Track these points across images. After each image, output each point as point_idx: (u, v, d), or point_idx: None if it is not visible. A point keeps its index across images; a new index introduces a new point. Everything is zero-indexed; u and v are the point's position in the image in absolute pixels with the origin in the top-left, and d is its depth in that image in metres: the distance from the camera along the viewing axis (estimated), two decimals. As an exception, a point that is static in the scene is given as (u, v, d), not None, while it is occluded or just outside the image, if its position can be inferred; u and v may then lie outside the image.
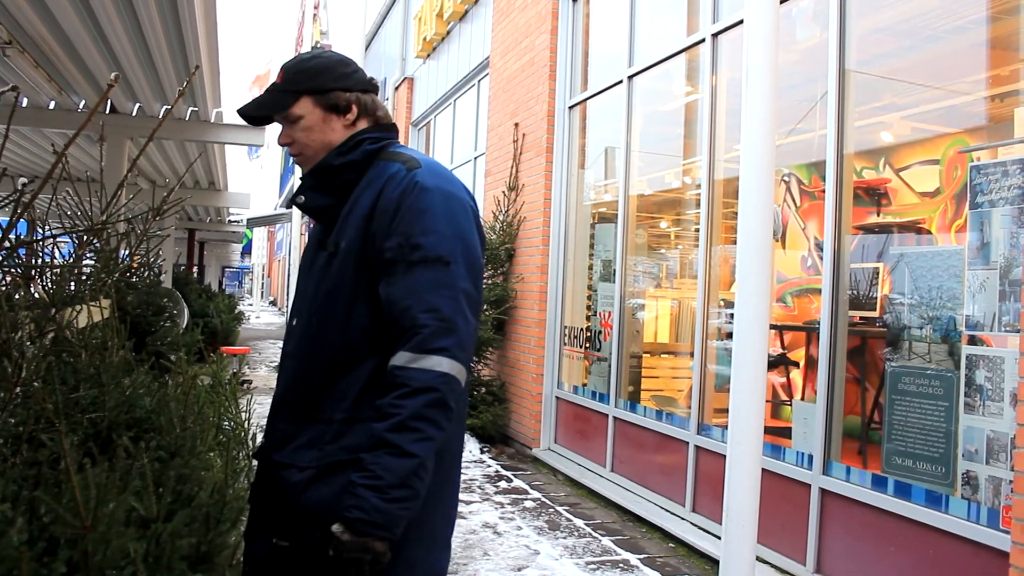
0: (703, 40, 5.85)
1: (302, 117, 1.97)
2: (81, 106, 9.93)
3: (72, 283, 2.67)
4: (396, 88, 14.74)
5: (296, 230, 17.41)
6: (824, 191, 4.66)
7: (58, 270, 2.51)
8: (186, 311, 10.03)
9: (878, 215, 5.03)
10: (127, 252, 3.92)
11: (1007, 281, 3.54)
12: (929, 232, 4.67)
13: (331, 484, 1.79)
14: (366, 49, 16.13)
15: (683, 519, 5.50)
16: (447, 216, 1.82)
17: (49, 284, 2.43)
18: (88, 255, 3.02)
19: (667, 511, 5.68)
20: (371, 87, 2.05)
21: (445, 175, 1.92)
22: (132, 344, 2.94)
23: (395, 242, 1.79)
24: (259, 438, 6.63)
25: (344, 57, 2.06)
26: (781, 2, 4.08)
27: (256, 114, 2.04)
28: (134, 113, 10.13)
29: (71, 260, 2.61)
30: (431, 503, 1.86)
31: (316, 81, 1.98)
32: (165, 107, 9.85)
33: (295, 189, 2.12)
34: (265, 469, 1.96)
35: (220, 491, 2.27)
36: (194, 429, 2.56)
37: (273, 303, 51.91)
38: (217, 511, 2.17)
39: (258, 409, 9.74)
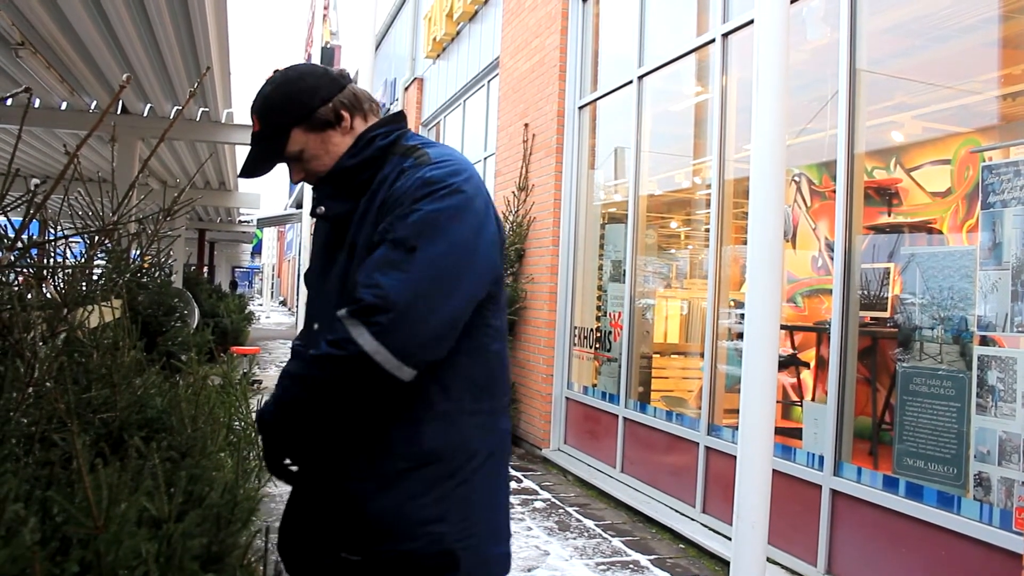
0: (713, 40, 5.84)
1: (302, 150, 1.92)
2: (93, 107, 9.98)
3: (84, 283, 2.68)
4: (406, 88, 14.76)
5: (306, 230, 17.44)
6: (835, 191, 4.64)
7: (70, 270, 2.52)
8: (196, 311, 10.06)
9: (889, 215, 5.01)
10: (138, 252, 3.94)
11: (1019, 281, 3.52)
12: (940, 232, 4.65)
13: (395, 492, 1.77)
14: (376, 49, 16.16)
15: (693, 520, 5.49)
16: (435, 206, 1.73)
17: (61, 284, 2.44)
18: (100, 255, 3.03)
19: (677, 512, 5.67)
20: (343, 81, 1.96)
21: (452, 167, 1.82)
22: (143, 344, 2.95)
23: (383, 226, 1.75)
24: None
25: (303, 70, 1.96)
26: (792, 2, 4.07)
27: (259, 171, 1.97)
28: (145, 114, 10.17)
29: (83, 260, 2.62)
30: (486, 500, 1.87)
31: (292, 110, 1.90)
32: (176, 108, 9.89)
33: (312, 200, 2.08)
34: (309, 478, 1.93)
35: (231, 491, 2.27)
36: (205, 429, 2.57)
37: (283, 303, 52.05)
38: (228, 511, 2.17)
39: (268, 409, 9.68)
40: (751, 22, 4.97)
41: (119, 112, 9.88)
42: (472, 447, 1.85)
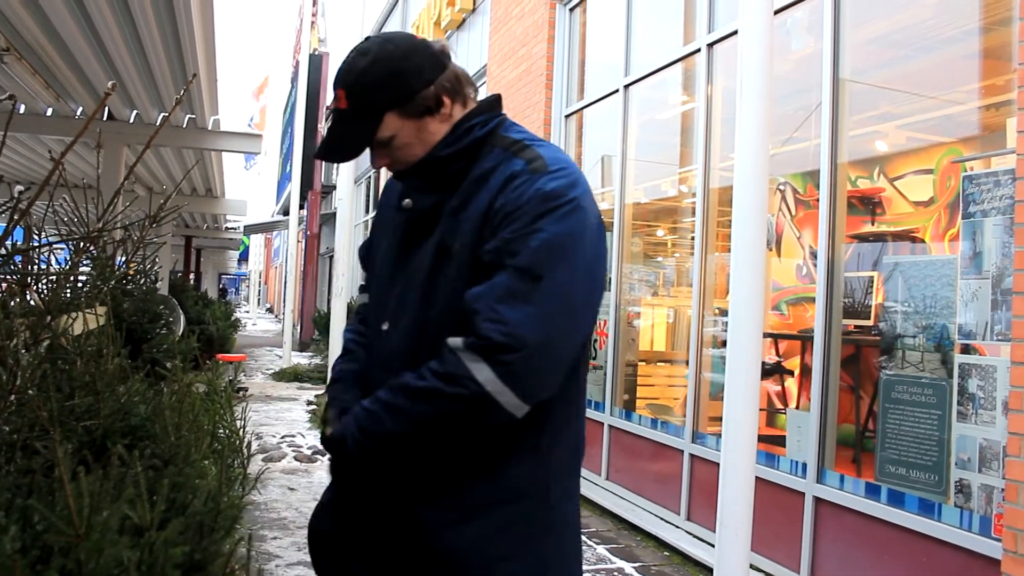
0: (699, 50, 5.87)
1: (394, 136, 1.70)
2: (78, 113, 9.95)
3: (68, 290, 2.68)
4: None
5: (293, 237, 17.41)
6: (819, 200, 4.68)
7: (54, 277, 2.52)
8: (182, 318, 10.02)
9: (873, 224, 5.05)
10: (123, 259, 3.93)
11: (999, 290, 3.56)
12: (923, 241, 4.69)
13: (475, 525, 1.66)
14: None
15: (678, 527, 5.50)
16: (560, 228, 1.58)
17: (45, 291, 2.44)
18: (84, 262, 3.03)
19: (662, 519, 5.68)
20: (445, 60, 1.74)
21: (570, 177, 1.65)
22: (128, 351, 2.95)
23: (495, 245, 1.58)
24: (254, 445, 6.58)
25: (406, 46, 1.70)
26: (776, 12, 4.11)
27: (339, 158, 1.78)
28: (131, 120, 10.15)
29: (67, 267, 2.62)
30: (560, 543, 1.78)
31: (392, 92, 1.67)
32: (162, 114, 9.87)
33: (391, 190, 1.93)
34: (365, 497, 1.79)
35: (214, 499, 2.27)
36: (189, 437, 2.57)
37: (270, 310, 51.93)
38: (211, 519, 2.18)
39: (253, 416, 9.69)
40: (736, 32, 5.01)
41: (105, 118, 9.86)
42: (555, 488, 1.75)
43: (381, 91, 1.66)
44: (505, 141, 1.74)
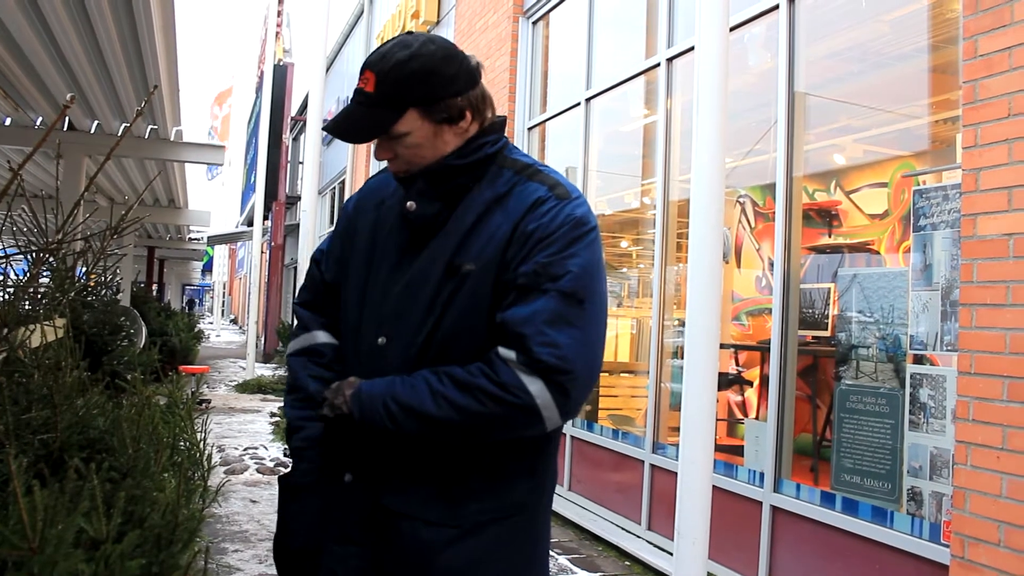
0: (659, 64, 5.95)
1: (408, 134, 1.69)
2: (38, 123, 9.84)
3: (26, 302, 2.67)
4: (358, 107, 14.74)
5: (257, 248, 17.28)
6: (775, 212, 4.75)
7: (11, 288, 2.51)
8: (144, 330, 9.93)
9: (829, 236, 5.14)
10: (84, 270, 3.90)
11: (948, 302, 3.64)
12: (878, 253, 4.78)
13: (476, 544, 1.68)
14: (328, 67, 16.14)
15: (639, 537, 5.55)
16: (591, 254, 1.66)
17: (2, 303, 2.43)
18: (43, 273, 3.01)
19: (623, 529, 5.73)
20: (478, 75, 1.75)
21: (586, 203, 1.73)
22: (87, 364, 2.93)
23: (530, 268, 1.62)
24: (216, 457, 6.54)
25: (447, 49, 1.71)
26: (732, 29, 4.18)
27: (350, 138, 1.76)
28: (92, 130, 10.05)
29: (25, 278, 2.61)
30: (544, 549, 1.83)
31: (422, 91, 1.67)
32: (124, 125, 9.80)
33: (375, 192, 1.90)
34: (352, 502, 1.76)
35: (173, 512, 2.27)
36: (147, 450, 2.56)
37: (234, 321, 51.48)
38: (169, 532, 2.18)
39: (216, 429, 9.60)
40: (694, 47, 5.09)
41: (65, 128, 9.76)
42: (547, 495, 1.83)
43: (411, 86, 1.66)
44: (516, 164, 1.77)
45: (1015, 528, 2.97)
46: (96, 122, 9.91)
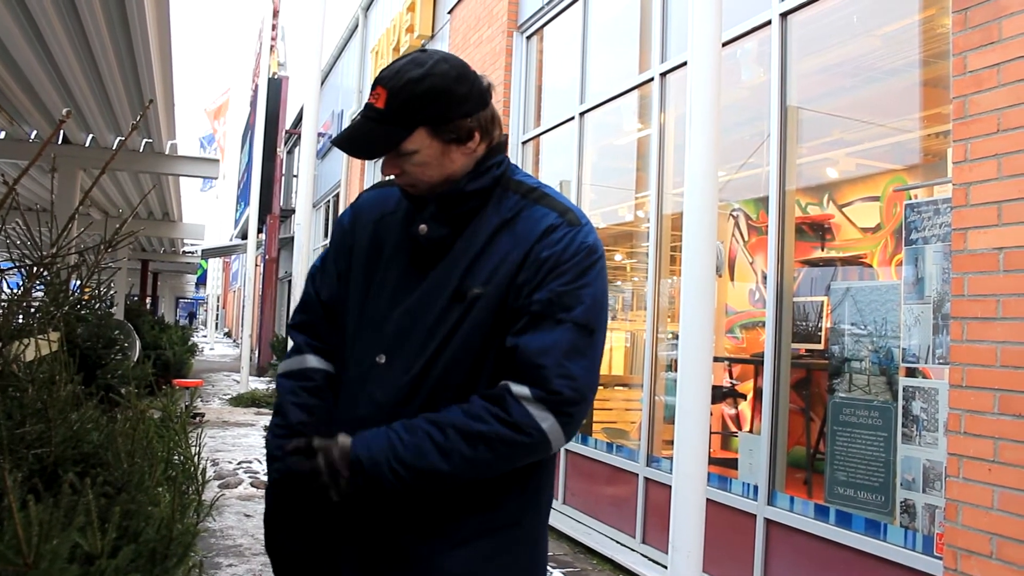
0: (652, 79, 5.98)
1: (416, 152, 1.69)
2: (33, 136, 9.86)
3: (20, 316, 2.68)
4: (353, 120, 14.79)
5: (251, 261, 17.30)
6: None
7: (6, 302, 2.52)
8: (138, 343, 9.92)
9: (822, 249, 5.17)
10: (78, 284, 3.90)
11: (940, 315, 3.66)
12: (870, 266, 4.81)
13: (468, 555, 1.69)
14: (323, 81, 16.18)
15: (633, 550, 5.54)
16: (601, 282, 1.70)
17: (-4, 318, 2.43)
18: (37, 287, 3.02)
19: (617, 543, 5.72)
20: (489, 96, 1.76)
21: (595, 231, 1.75)
22: (81, 378, 2.94)
23: (545, 296, 1.64)
24: (210, 471, 6.52)
25: (460, 69, 1.71)
26: (724, 44, 4.21)
27: (358, 154, 1.77)
28: (87, 144, 10.07)
29: (19, 292, 2.61)
30: (543, 556, 1.85)
31: (433, 110, 1.66)
32: (119, 139, 9.81)
33: (375, 206, 1.89)
34: (344, 516, 1.74)
35: (167, 526, 2.27)
36: (142, 464, 2.57)
37: (228, 334, 51.38)
38: (164, 546, 2.18)
39: (210, 443, 9.55)
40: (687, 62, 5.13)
41: (60, 142, 9.78)
42: (542, 510, 1.84)
43: (423, 105, 1.65)
44: (522, 187, 1.78)
45: (1007, 540, 2.98)
46: (91, 136, 9.93)
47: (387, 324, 1.74)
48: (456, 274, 1.70)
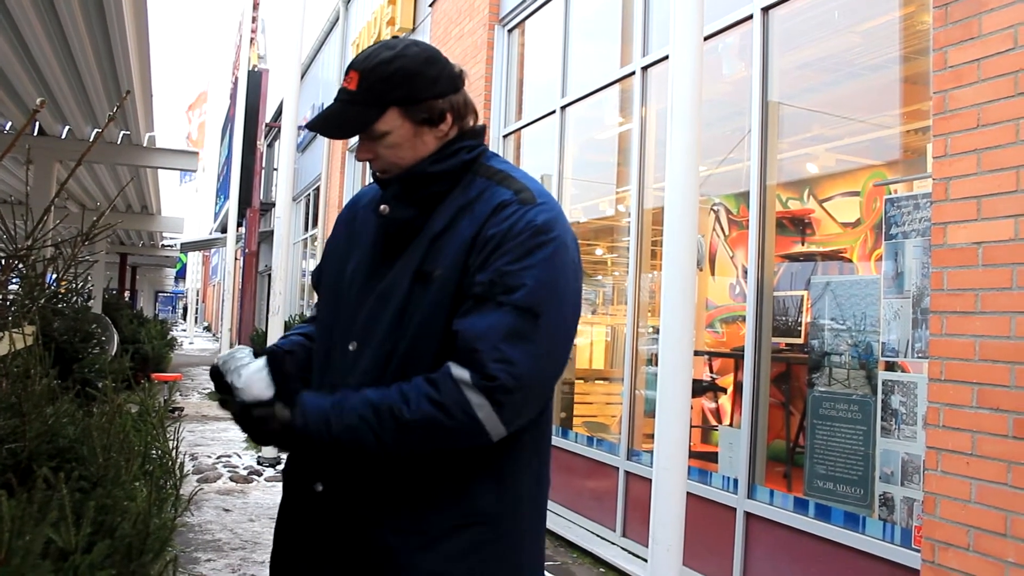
0: (633, 73, 5.98)
1: (388, 133, 1.70)
2: (7, 128, 9.74)
3: (-6, 310, 2.64)
4: (333, 113, 14.71)
5: (231, 255, 17.18)
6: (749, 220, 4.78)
7: (-21, 297, 2.48)
8: (116, 337, 9.85)
9: (803, 244, 5.18)
10: (54, 277, 3.86)
11: (919, 309, 3.68)
12: (850, 261, 4.82)
13: (442, 551, 1.64)
14: (304, 74, 16.09)
15: (613, 544, 5.55)
16: (552, 265, 1.63)
17: (-31, 312, 2.40)
18: (13, 280, 2.98)
19: (598, 536, 5.73)
20: (460, 82, 1.77)
21: (555, 209, 1.72)
22: (57, 372, 2.90)
23: (487, 278, 1.61)
24: (188, 466, 6.49)
25: (430, 52, 1.73)
26: (706, 38, 4.21)
27: (331, 134, 1.79)
28: (63, 136, 9.95)
29: (-7, 286, 2.58)
30: (530, 559, 1.79)
31: (403, 90, 1.68)
32: (96, 130, 9.71)
33: (356, 203, 1.93)
34: (324, 513, 1.73)
35: (144, 521, 2.25)
36: (118, 458, 2.54)
37: (208, 328, 51.11)
38: (140, 542, 2.16)
39: (188, 437, 9.53)
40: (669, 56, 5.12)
41: (36, 133, 9.66)
42: (524, 507, 1.75)
43: (393, 85, 1.67)
44: (489, 171, 1.76)
45: (984, 533, 3.00)
46: (67, 127, 9.82)
47: (359, 312, 1.74)
48: (418, 257, 1.69)
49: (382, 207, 1.74)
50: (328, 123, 1.74)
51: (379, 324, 1.70)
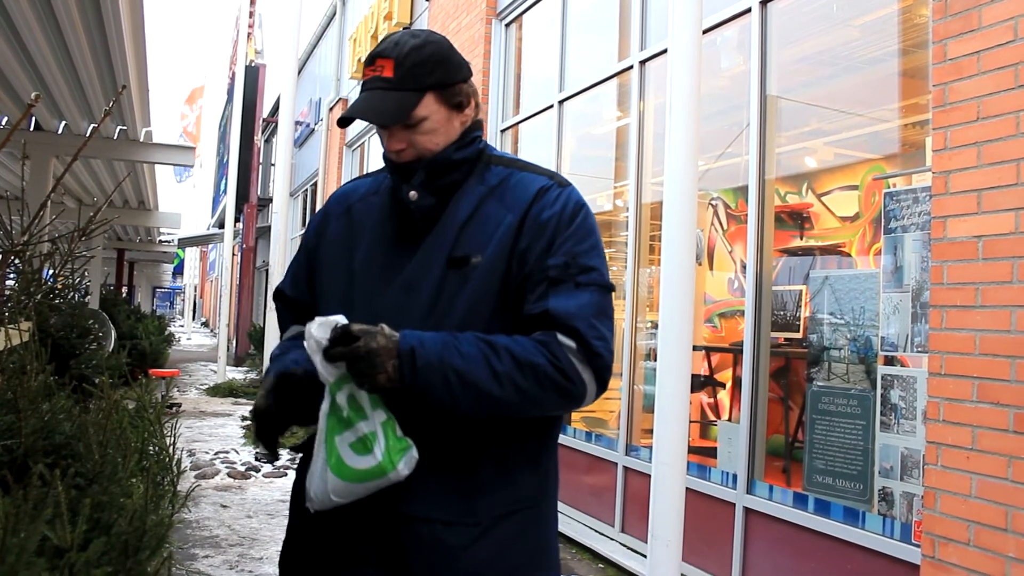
0: (631, 67, 5.96)
1: (426, 119, 1.70)
2: (3, 122, 9.71)
3: (-10, 306, 2.63)
4: (331, 108, 14.69)
5: (228, 250, 17.16)
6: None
7: (-26, 293, 2.47)
8: (113, 333, 9.82)
9: (801, 238, 5.17)
10: (51, 273, 3.84)
11: (919, 303, 3.67)
12: (849, 255, 4.81)
13: (494, 539, 1.66)
14: (300, 69, 16.06)
15: (612, 539, 5.55)
16: (599, 239, 1.75)
17: (-36, 308, 2.39)
18: (9, 275, 2.96)
19: (596, 532, 5.72)
20: (470, 70, 1.83)
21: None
22: (53, 368, 2.89)
23: (561, 260, 1.66)
24: (186, 462, 6.47)
25: (448, 41, 1.79)
26: (705, 32, 4.19)
27: (380, 118, 1.72)
28: (60, 131, 9.92)
29: (-11, 282, 2.57)
30: (554, 537, 1.83)
31: (438, 74, 1.71)
32: (92, 125, 9.68)
33: (368, 188, 1.87)
34: (360, 511, 1.65)
35: (140, 518, 2.24)
36: (114, 455, 2.53)
37: (205, 324, 51.08)
38: (136, 538, 2.15)
39: (186, 433, 9.52)
40: (667, 50, 5.11)
41: (32, 129, 9.63)
42: (552, 490, 1.83)
43: (429, 69, 1.70)
44: (504, 160, 1.82)
45: (985, 527, 2.99)
46: (63, 122, 9.80)
47: (380, 302, 1.70)
48: (447, 244, 1.70)
49: (411, 193, 1.72)
50: (371, 110, 1.70)
51: (409, 313, 1.66)
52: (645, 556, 3.54)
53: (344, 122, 1.75)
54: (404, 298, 1.68)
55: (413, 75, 1.68)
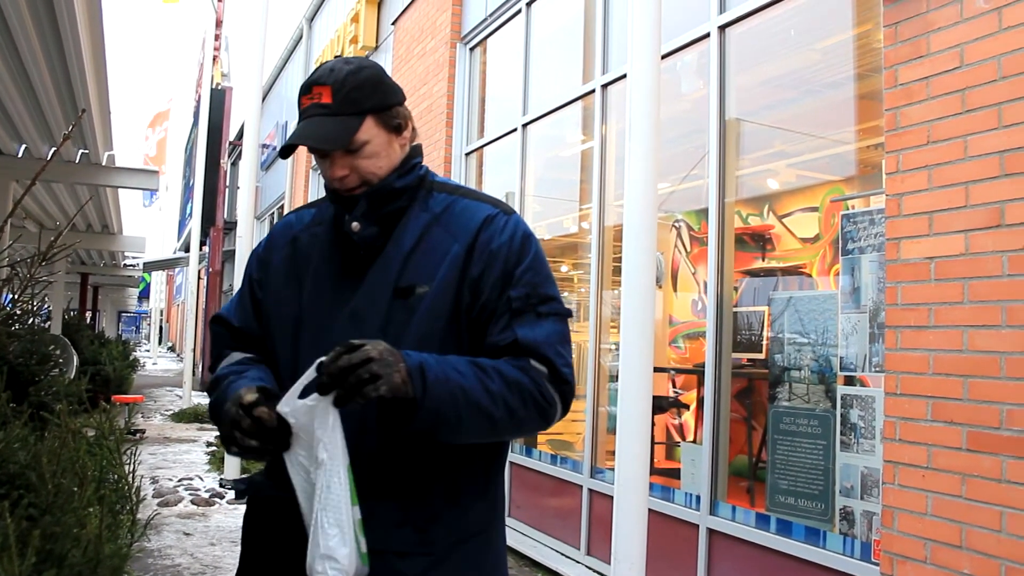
0: (593, 91, 6.01)
1: (368, 143, 1.70)
2: (-37, 147, 9.59)
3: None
4: (297, 131, 14.67)
5: (194, 274, 17.03)
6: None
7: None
8: (75, 359, 9.70)
9: (763, 260, 5.22)
10: (10, 298, 3.79)
11: (876, 324, 3.72)
12: (810, 276, 4.87)
13: (448, 568, 1.67)
14: (267, 92, 16.03)
15: (578, 562, 5.54)
16: (548, 266, 1.79)
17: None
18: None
19: (563, 555, 5.71)
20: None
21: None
22: (10, 395, 2.85)
23: (523, 292, 1.68)
24: (149, 489, 6.40)
25: (380, 68, 1.80)
26: (664, 56, 4.24)
27: (323, 144, 1.69)
28: (20, 154, 9.81)
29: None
30: (502, 555, 1.85)
31: (376, 97, 1.72)
32: (52, 149, 9.58)
33: (310, 220, 1.87)
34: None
35: (95, 548, 2.21)
36: (69, 484, 2.49)
37: (172, 348, 50.54)
38: (90, 570, 2.12)
39: (149, 460, 9.39)
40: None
41: (-9, 153, 9.52)
42: (500, 517, 1.85)
43: (366, 93, 1.70)
44: (447, 187, 1.83)
45: (941, 545, 3.03)
46: (23, 145, 9.69)
47: (330, 333, 1.67)
48: (392, 274, 1.70)
49: (353, 224, 1.71)
50: (312, 137, 1.68)
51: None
52: (609, 579, 3.54)
53: (287, 151, 1.73)
54: (353, 330, 1.62)
55: (352, 99, 1.68)
